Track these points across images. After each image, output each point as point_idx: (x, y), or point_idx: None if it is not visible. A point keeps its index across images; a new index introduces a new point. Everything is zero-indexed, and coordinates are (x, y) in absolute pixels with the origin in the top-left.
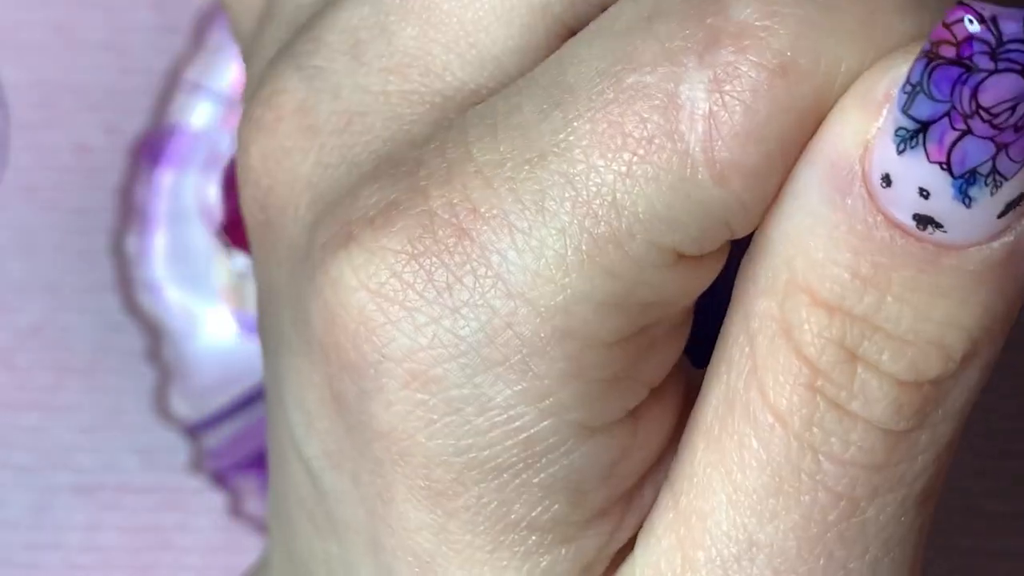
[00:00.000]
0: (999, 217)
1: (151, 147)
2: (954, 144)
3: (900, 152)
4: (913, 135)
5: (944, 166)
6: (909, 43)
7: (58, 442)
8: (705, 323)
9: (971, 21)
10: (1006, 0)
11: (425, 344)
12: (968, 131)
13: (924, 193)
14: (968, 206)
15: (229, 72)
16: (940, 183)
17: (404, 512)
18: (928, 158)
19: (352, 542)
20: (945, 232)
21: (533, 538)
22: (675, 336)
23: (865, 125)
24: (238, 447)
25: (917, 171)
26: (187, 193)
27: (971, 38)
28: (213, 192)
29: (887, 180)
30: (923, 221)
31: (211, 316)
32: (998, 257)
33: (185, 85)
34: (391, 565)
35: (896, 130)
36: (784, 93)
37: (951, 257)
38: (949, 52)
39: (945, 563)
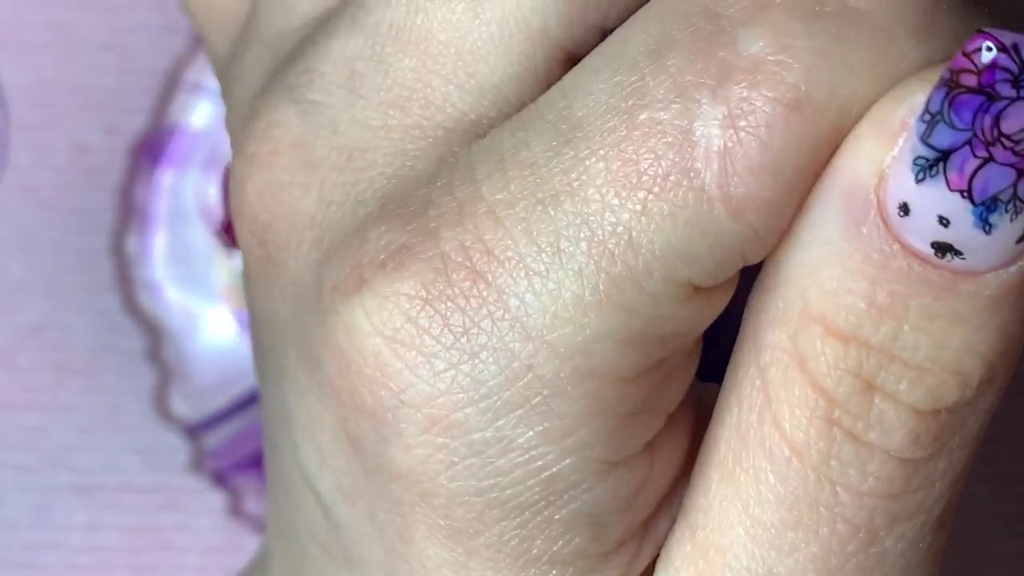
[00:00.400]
0: (1017, 243)
1: (151, 147)
2: (975, 172)
3: (919, 181)
4: (933, 164)
5: (965, 194)
6: (922, 70)
7: (58, 442)
8: (711, 338)
9: (991, 49)
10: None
11: (444, 389)
12: (990, 158)
13: (944, 221)
14: (988, 233)
15: None
16: (960, 211)
17: (424, 550)
18: (948, 186)
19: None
20: (964, 259)
21: (554, 573)
22: (688, 363)
23: (880, 154)
24: (238, 447)
25: (937, 200)
26: (187, 193)
27: (993, 66)
28: (213, 192)
29: (905, 209)
30: (941, 249)
31: (211, 316)
32: (1015, 281)
33: (185, 85)
34: None
35: (915, 159)
36: (799, 127)
37: (969, 283)
38: (970, 80)
39: (945, 565)
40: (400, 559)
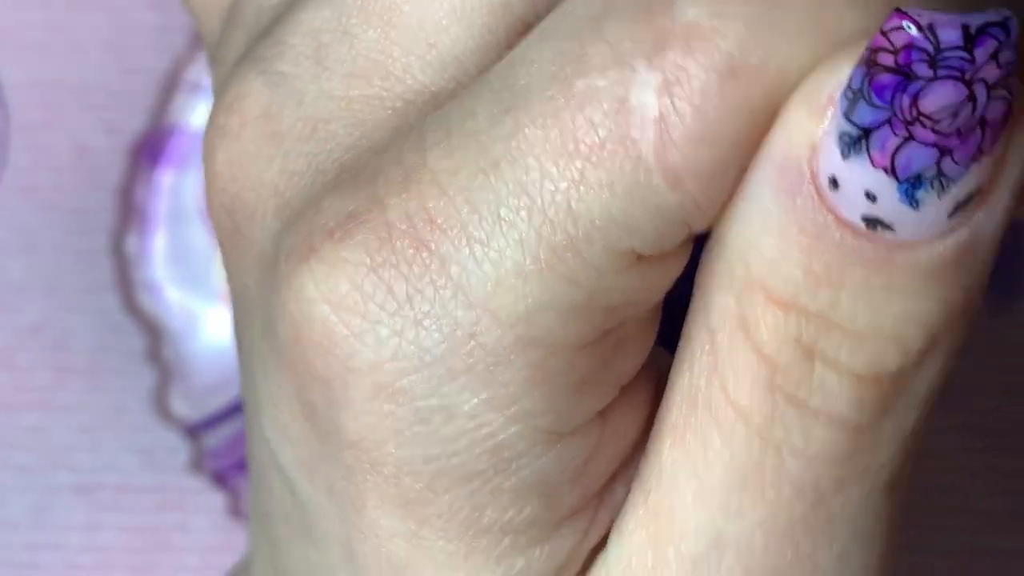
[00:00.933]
0: (950, 216)
1: (151, 147)
2: (897, 150)
3: (845, 157)
4: (856, 140)
5: (888, 171)
6: (860, 37)
7: (58, 442)
8: (677, 311)
9: (909, 28)
10: None
11: (388, 356)
12: (910, 137)
13: (871, 197)
14: (916, 208)
15: None
16: (885, 187)
17: (376, 520)
18: (872, 163)
19: (328, 549)
20: (895, 233)
21: (506, 541)
22: (644, 333)
23: (811, 127)
24: (238, 447)
25: (862, 176)
26: (187, 193)
27: (910, 46)
28: None
29: (834, 183)
30: (872, 223)
31: (211, 316)
32: (951, 253)
33: (185, 85)
34: (366, 572)
35: (840, 135)
36: (734, 94)
37: (903, 254)
38: (888, 60)
39: (942, 563)
40: (355, 529)
